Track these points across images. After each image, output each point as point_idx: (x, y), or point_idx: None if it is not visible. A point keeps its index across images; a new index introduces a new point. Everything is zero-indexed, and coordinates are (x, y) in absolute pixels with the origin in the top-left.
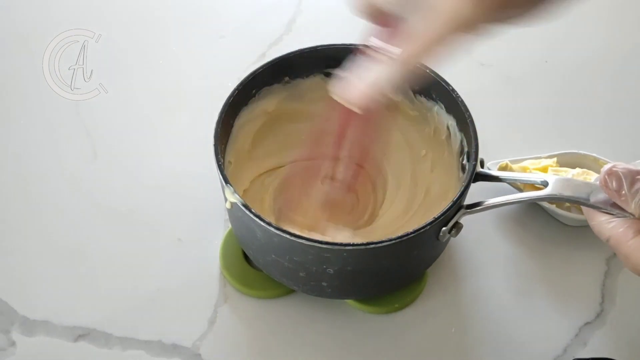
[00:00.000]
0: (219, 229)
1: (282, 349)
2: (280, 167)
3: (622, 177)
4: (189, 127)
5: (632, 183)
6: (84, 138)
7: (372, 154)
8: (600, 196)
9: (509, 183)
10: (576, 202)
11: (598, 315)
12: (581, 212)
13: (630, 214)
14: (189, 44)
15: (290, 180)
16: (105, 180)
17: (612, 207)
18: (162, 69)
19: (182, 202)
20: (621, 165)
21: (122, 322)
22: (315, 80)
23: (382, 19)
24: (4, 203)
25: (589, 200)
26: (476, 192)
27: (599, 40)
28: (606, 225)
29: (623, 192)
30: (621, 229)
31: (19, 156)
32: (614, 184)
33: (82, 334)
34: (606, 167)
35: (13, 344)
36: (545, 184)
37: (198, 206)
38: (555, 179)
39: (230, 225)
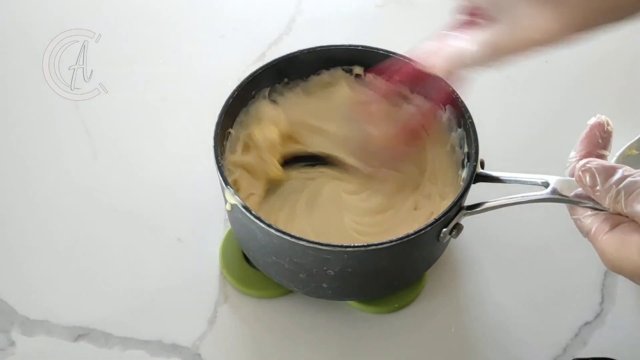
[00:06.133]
0: (219, 229)
1: (282, 349)
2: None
3: (596, 173)
4: (189, 127)
5: (605, 179)
6: (84, 138)
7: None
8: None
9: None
10: (577, 204)
11: (598, 315)
12: None
13: (606, 209)
14: (188, 43)
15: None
16: (105, 180)
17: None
18: (162, 69)
19: (182, 202)
20: (595, 162)
21: (122, 322)
22: (314, 81)
23: (472, 9)
24: (3, 203)
25: (589, 201)
26: (476, 193)
27: (600, 40)
28: (584, 220)
29: (597, 187)
30: (597, 224)
31: (18, 156)
32: (588, 179)
33: (82, 334)
34: (581, 162)
35: (13, 343)
36: (546, 185)
37: (198, 206)
38: (556, 180)
39: (230, 225)
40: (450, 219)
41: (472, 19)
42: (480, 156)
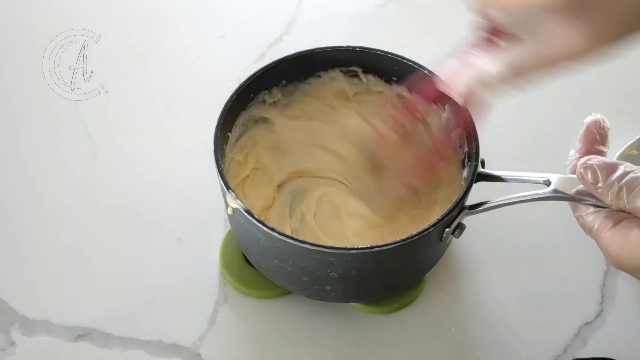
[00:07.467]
0: (219, 229)
1: (282, 349)
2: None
3: (598, 170)
4: (189, 127)
5: (607, 175)
6: (84, 138)
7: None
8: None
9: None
10: (579, 201)
11: (598, 315)
12: None
13: (608, 205)
14: (188, 43)
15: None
16: (105, 180)
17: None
18: (162, 69)
19: (182, 202)
20: (596, 159)
21: (122, 322)
22: (313, 82)
23: (493, 27)
24: (3, 203)
25: (591, 198)
26: (478, 192)
27: None
28: (587, 217)
29: (599, 184)
30: (599, 221)
31: (18, 156)
32: (589, 176)
33: (82, 334)
34: (582, 160)
35: (13, 344)
36: (547, 183)
37: (198, 206)
38: (557, 178)
39: (230, 225)
40: (452, 219)
41: (492, 38)
42: (481, 155)
